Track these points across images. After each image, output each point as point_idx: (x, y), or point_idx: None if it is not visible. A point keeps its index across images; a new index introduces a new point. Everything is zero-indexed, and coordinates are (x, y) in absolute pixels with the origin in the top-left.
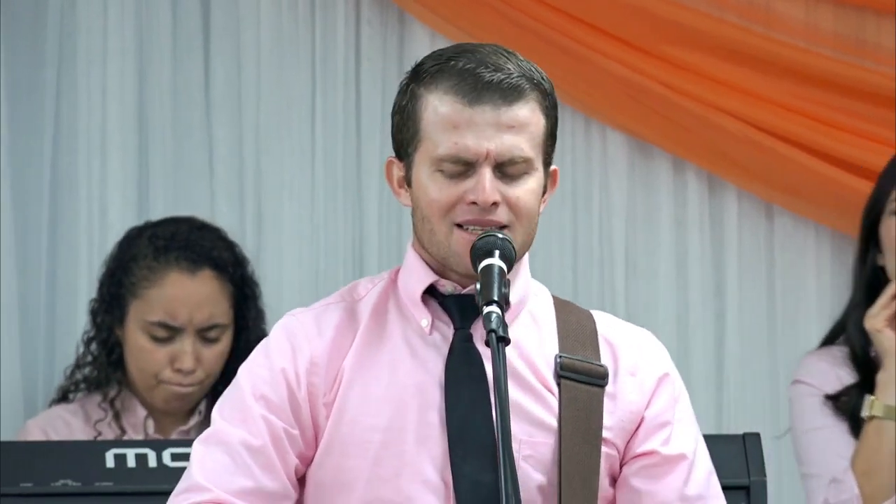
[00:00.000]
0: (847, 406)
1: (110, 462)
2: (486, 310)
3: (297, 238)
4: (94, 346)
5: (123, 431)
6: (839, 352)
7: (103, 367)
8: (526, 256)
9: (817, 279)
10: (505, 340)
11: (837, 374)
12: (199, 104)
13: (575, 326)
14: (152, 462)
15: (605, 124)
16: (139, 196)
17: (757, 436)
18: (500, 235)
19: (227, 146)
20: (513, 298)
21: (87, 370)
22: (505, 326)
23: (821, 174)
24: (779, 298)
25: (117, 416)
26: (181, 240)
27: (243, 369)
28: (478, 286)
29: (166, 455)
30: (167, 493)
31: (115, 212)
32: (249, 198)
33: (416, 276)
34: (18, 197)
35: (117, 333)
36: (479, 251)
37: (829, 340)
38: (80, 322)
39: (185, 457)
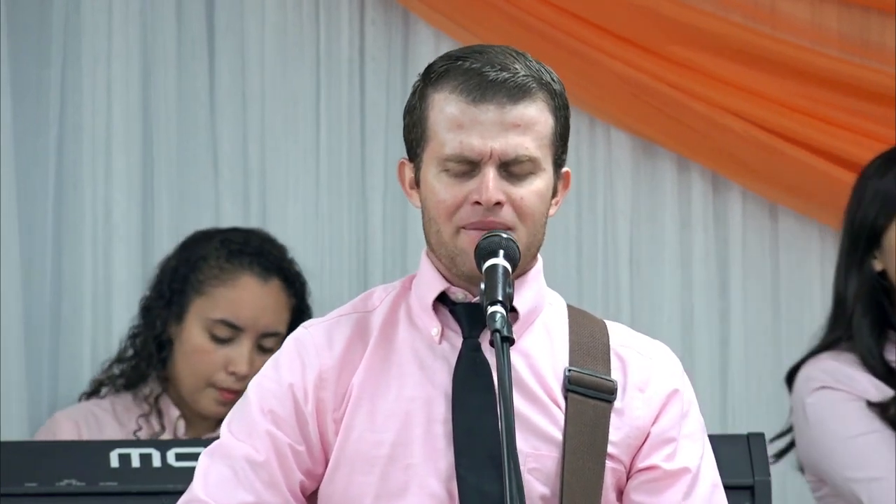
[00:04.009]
0: (893, 415)
1: (114, 462)
2: (490, 310)
3: (302, 237)
4: (139, 342)
5: (164, 429)
6: (849, 357)
7: (151, 362)
8: (540, 264)
9: (821, 279)
10: (509, 340)
11: (870, 379)
12: (204, 104)
13: (587, 339)
14: (157, 462)
15: (610, 124)
16: (144, 196)
17: (761, 436)
18: (505, 235)
19: (232, 146)
20: (525, 307)
21: (125, 365)
22: (509, 326)
23: (825, 174)
24: (783, 298)
25: (160, 414)
26: (255, 246)
27: (253, 382)
28: (482, 286)
29: (171, 455)
30: (171, 493)
31: (119, 212)
32: (254, 197)
33: (428, 284)
34: (23, 197)
35: (171, 330)
36: (483, 251)
37: (825, 348)
38: (84, 321)
39: (190, 457)
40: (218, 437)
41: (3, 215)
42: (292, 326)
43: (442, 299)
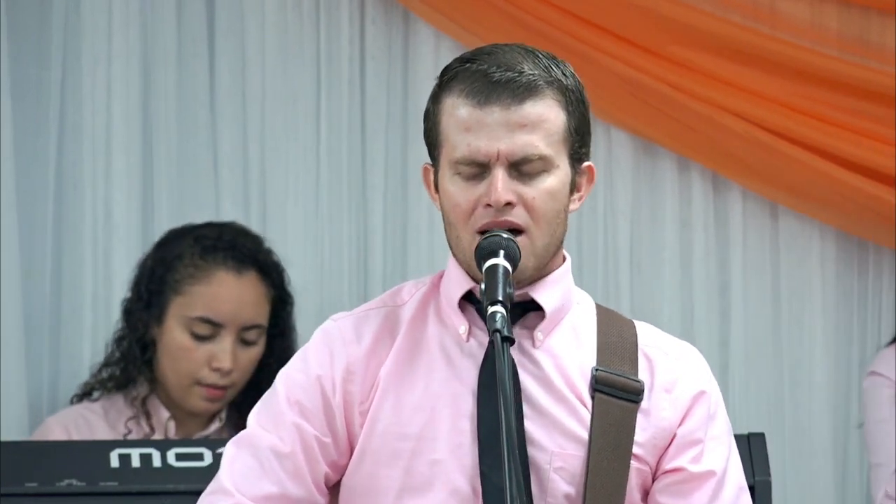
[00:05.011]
0: None
1: (115, 462)
2: (490, 310)
3: (302, 237)
4: (124, 345)
5: (153, 430)
6: None
7: (136, 364)
8: (568, 264)
9: (822, 279)
10: (510, 340)
11: None
12: (204, 104)
13: (615, 339)
14: (157, 462)
15: (610, 124)
16: (144, 196)
17: (762, 436)
18: (505, 235)
19: (232, 146)
20: (552, 306)
21: (113, 369)
22: (509, 326)
23: (825, 174)
24: (783, 298)
25: (148, 416)
26: (228, 241)
27: (282, 374)
28: (482, 286)
29: (171, 455)
30: (171, 493)
31: (119, 212)
32: (254, 197)
33: (455, 283)
34: (23, 197)
35: (153, 332)
36: (484, 251)
37: None
38: (84, 321)
39: (190, 457)
40: (208, 436)
41: (3, 215)
42: (273, 317)
43: (470, 298)
